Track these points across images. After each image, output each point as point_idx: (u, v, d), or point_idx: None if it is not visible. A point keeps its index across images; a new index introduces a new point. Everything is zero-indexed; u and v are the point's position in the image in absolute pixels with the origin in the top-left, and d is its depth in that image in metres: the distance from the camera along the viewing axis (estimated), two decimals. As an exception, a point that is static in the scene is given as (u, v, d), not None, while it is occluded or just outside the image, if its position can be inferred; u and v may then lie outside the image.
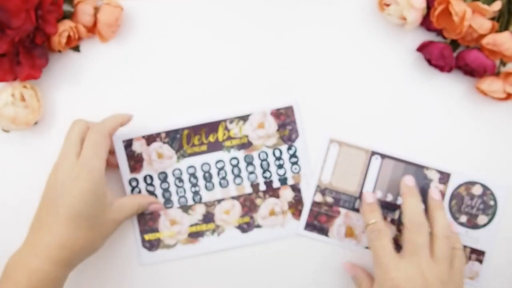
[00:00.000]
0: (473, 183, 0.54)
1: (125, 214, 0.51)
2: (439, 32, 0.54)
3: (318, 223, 0.54)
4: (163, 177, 0.54)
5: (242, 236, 0.54)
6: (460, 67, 0.54)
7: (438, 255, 0.46)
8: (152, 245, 0.54)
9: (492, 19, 0.51)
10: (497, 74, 0.53)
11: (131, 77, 0.56)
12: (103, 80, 0.56)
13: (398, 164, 0.54)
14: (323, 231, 0.54)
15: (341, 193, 0.54)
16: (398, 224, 0.54)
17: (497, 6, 0.50)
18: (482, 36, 0.51)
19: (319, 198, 0.54)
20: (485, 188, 0.54)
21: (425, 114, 0.55)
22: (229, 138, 0.53)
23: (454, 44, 0.54)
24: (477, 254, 0.54)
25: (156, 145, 0.53)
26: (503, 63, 0.53)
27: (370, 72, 0.56)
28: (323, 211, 0.54)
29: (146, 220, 0.54)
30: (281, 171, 0.54)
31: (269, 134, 0.53)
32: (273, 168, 0.54)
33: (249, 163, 0.54)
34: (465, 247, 0.54)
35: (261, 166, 0.54)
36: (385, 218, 0.54)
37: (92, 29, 0.54)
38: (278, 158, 0.54)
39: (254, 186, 0.54)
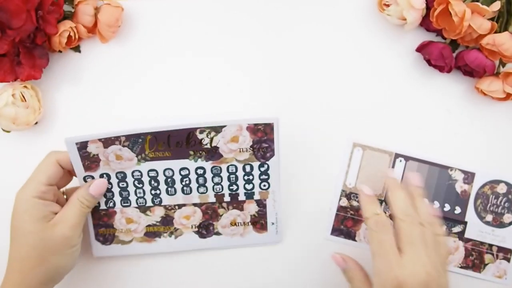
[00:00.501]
0: (497, 182, 0.54)
1: (71, 222, 0.47)
2: (439, 33, 0.54)
3: (345, 228, 0.54)
4: (121, 177, 0.50)
5: (200, 241, 0.53)
6: (459, 67, 0.54)
7: (428, 244, 0.45)
8: (106, 239, 0.52)
9: (492, 19, 0.51)
10: (496, 74, 0.53)
11: (131, 77, 0.56)
12: (103, 80, 0.56)
13: (422, 165, 0.54)
14: (350, 235, 0.54)
15: None
16: None
17: (496, 6, 0.50)
18: (482, 36, 0.51)
19: (344, 202, 0.54)
20: (509, 186, 0.54)
21: (425, 114, 0.56)
22: (197, 147, 0.49)
23: (454, 44, 0.54)
24: (504, 253, 0.54)
25: (115, 147, 0.48)
26: (503, 63, 0.53)
27: (370, 72, 0.56)
28: (349, 215, 0.54)
29: (101, 216, 0.51)
30: (249, 186, 0.51)
31: (242, 149, 0.50)
32: (241, 182, 0.51)
33: (216, 174, 0.50)
34: (491, 245, 0.54)
35: (229, 179, 0.51)
36: None
37: (93, 29, 0.54)
38: (248, 174, 0.51)
39: (218, 196, 0.51)
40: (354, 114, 0.55)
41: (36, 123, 0.54)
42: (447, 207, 0.54)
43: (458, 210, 0.54)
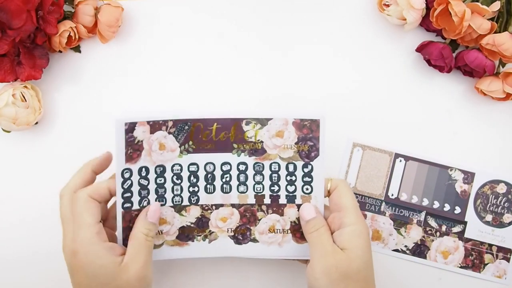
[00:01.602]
0: (497, 182, 0.54)
1: (142, 260, 0.44)
2: (439, 33, 0.54)
3: None
4: (160, 171, 0.48)
5: (235, 248, 0.49)
6: (459, 67, 0.54)
7: None
8: None
9: (491, 19, 0.51)
10: (496, 74, 0.53)
11: (132, 77, 0.56)
12: (103, 80, 0.56)
13: (422, 165, 0.54)
14: None
15: (367, 196, 0.55)
16: (424, 225, 0.54)
17: (496, 6, 0.50)
18: (482, 36, 0.51)
19: None
20: (509, 186, 0.54)
21: (425, 114, 0.56)
22: (242, 140, 0.48)
23: (454, 44, 0.54)
24: (503, 253, 0.54)
25: (160, 134, 0.47)
26: (502, 63, 0.53)
27: (370, 72, 0.56)
28: None
29: (132, 217, 0.47)
30: (291, 188, 0.49)
31: (286, 146, 0.48)
32: (283, 182, 0.49)
33: (258, 172, 0.48)
34: (491, 245, 0.54)
35: (271, 178, 0.49)
36: (411, 220, 0.54)
37: (93, 29, 0.54)
38: (291, 174, 0.48)
39: (259, 197, 0.49)
40: (354, 114, 0.55)
41: (36, 123, 0.54)
42: (447, 207, 0.54)
43: (458, 210, 0.54)
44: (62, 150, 0.55)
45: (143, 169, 0.47)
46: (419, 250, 0.54)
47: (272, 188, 0.49)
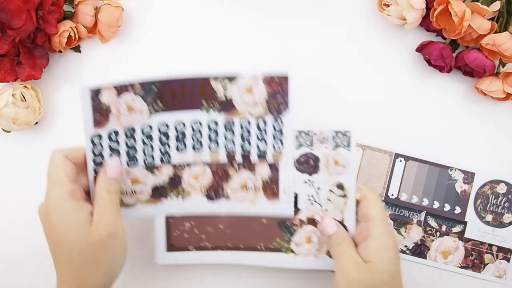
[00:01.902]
0: (497, 182, 0.54)
1: (109, 216, 0.44)
2: (439, 33, 0.54)
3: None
4: (130, 134, 0.47)
5: (208, 204, 0.50)
6: (459, 67, 0.54)
7: None
8: None
9: (491, 19, 0.51)
10: (496, 74, 0.53)
11: (131, 77, 0.56)
12: (103, 81, 0.56)
13: (422, 165, 0.54)
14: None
15: None
16: (424, 225, 0.54)
17: (496, 6, 0.50)
18: (482, 36, 0.51)
19: None
20: (509, 186, 0.54)
21: (425, 114, 0.56)
22: (211, 97, 0.47)
23: (454, 44, 0.54)
24: (504, 253, 0.54)
25: (128, 96, 0.46)
26: (502, 63, 0.53)
27: (370, 72, 0.56)
28: None
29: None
30: (261, 145, 0.49)
31: (256, 102, 0.48)
32: (253, 139, 0.48)
33: (229, 129, 0.48)
34: (491, 245, 0.54)
35: (241, 136, 0.48)
36: (411, 220, 0.54)
37: (93, 29, 0.54)
38: (261, 130, 0.48)
39: (230, 156, 0.49)
40: (354, 114, 0.55)
41: (36, 123, 0.54)
42: (447, 207, 0.54)
43: (458, 210, 0.54)
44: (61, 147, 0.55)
45: (113, 132, 0.47)
46: (419, 250, 0.54)
47: (244, 146, 0.49)
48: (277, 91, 0.47)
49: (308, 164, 0.49)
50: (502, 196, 0.54)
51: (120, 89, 0.46)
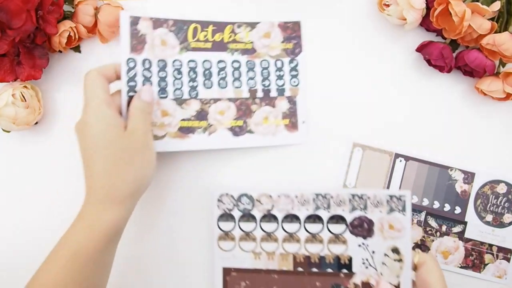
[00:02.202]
0: (497, 182, 0.54)
1: (142, 130, 0.47)
2: (439, 33, 0.54)
3: None
4: (162, 66, 0.52)
5: (233, 139, 0.54)
6: (459, 67, 0.54)
7: None
8: None
9: (492, 19, 0.51)
10: (496, 74, 0.53)
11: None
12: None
13: (422, 165, 0.54)
14: None
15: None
16: (424, 225, 0.54)
17: (496, 6, 0.50)
18: (482, 36, 0.51)
19: None
20: (509, 186, 0.54)
21: (425, 114, 0.56)
22: (235, 41, 0.54)
23: (454, 44, 0.54)
24: (504, 253, 0.54)
25: (162, 30, 0.52)
26: (503, 63, 0.53)
27: (370, 72, 0.56)
28: None
29: None
30: (280, 82, 0.54)
31: (273, 45, 0.54)
32: (273, 77, 0.54)
33: (250, 69, 0.54)
34: (491, 245, 0.54)
35: (262, 73, 0.54)
36: (411, 220, 0.54)
37: (93, 29, 0.54)
38: (279, 69, 0.54)
39: (252, 91, 0.54)
40: (354, 114, 0.55)
41: (36, 123, 0.54)
42: (447, 207, 0.54)
43: (458, 210, 0.54)
44: (62, 150, 0.55)
45: (146, 61, 0.51)
46: (420, 250, 0.54)
47: (264, 83, 0.54)
48: (292, 36, 0.55)
49: (362, 228, 0.50)
50: (502, 196, 0.54)
51: (156, 23, 0.52)
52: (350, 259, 0.50)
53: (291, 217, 0.51)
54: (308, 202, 0.51)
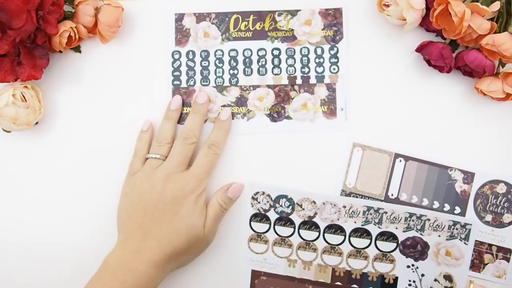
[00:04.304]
0: (497, 182, 0.54)
1: (213, 227, 0.51)
2: (439, 33, 0.54)
3: None
4: (205, 55, 0.55)
5: (271, 125, 0.55)
6: (459, 68, 0.54)
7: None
8: (182, 119, 0.55)
9: (491, 19, 0.51)
10: (496, 74, 0.53)
11: (132, 77, 0.56)
12: (103, 81, 0.56)
13: (422, 165, 0.55)
14: None
15: (366, 196, 0.55)
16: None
17: (496, 6, 0.50)
18: (481, 36, 0.51)
19: None
20: (509, 186, 0.54)
21: (425, 114, 0.56)
22: (275, 29, 0.55)
23: (453, 44, 0.54)
24: (503, 253, 0.54)
25: (205, 24, 0.55)
26: (502, 64, 0.53)
27: (370, 72, 0.56)
28: None
29: (181, 94, 0.55)
30: (319, 69, 0.55)
31: (314, 32, 0.55)
32: (312, 64, 0.55)
33: (290, 56, 0.55)
34: (491, 245, 0.54)
35: (301, 61, 0.55)
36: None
37: (93, 29, 0.54)
38: (319, 56, 0.55)
39: (291, 78, 0.55)
40: (354, 114, 0.55)
41: (37, 123, 0.54)
42: (447, 207, 0.54)
43: (458, 210, 0.54)
44: (62, 150, 0.55)
45: (190, 52, 0.55)
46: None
47: (303, 70, 0.55)
48: (333, 23, 0.55)
49: (415, 250, 0.49)
50: (502, 196, 0.54)
51: (199, 17, 0.55)
52: (395, 279, 0.49)
53: (336, 228, 0.50)
54: (357, 214, 0.50)
